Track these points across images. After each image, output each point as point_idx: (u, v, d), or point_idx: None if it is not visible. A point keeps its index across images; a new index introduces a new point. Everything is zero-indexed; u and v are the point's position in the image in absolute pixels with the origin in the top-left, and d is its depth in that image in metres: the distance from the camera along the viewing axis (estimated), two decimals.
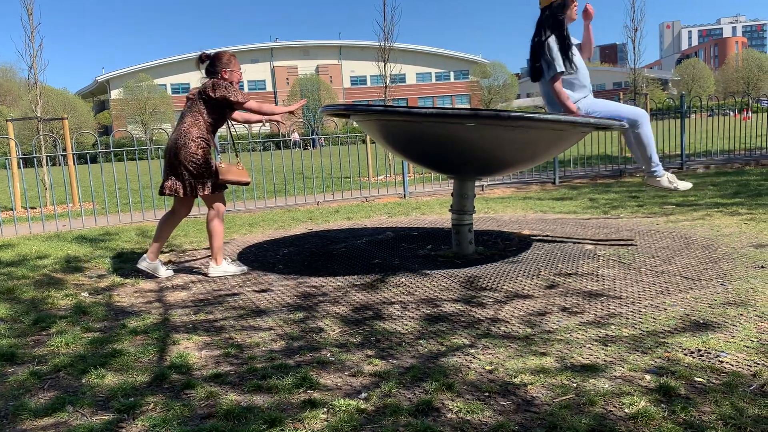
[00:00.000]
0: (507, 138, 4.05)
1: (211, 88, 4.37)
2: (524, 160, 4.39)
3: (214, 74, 4.47)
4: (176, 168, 4.37)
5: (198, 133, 4.37)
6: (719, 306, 3.17)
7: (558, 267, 4.16)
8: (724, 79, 76.35)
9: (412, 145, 4.42)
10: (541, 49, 4.35)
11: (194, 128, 4.38)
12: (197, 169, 4.36)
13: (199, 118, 4.40)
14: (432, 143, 4.21)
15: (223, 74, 4.46)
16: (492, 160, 4.34)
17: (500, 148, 4.15)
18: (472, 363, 2.64)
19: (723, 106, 19.80)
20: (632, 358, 2.57)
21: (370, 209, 7.93)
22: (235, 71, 4.51)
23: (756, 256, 4.15)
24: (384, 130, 4.41)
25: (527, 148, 4.18)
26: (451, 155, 4.32)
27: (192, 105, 4.46)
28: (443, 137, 4.07)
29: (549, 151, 4.43)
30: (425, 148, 4.34)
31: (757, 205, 6.28)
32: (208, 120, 4.42)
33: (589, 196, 8.08)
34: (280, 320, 3.43)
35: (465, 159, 4.32)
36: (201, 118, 4.41)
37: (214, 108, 4.42)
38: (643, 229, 5.37)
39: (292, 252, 5.32)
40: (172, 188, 4.41)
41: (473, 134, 3.99)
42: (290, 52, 73.58)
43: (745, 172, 9.72)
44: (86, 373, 2.73)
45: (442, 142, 4.14)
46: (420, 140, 4.25)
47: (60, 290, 4.30)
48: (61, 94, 46.04)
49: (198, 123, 4.39)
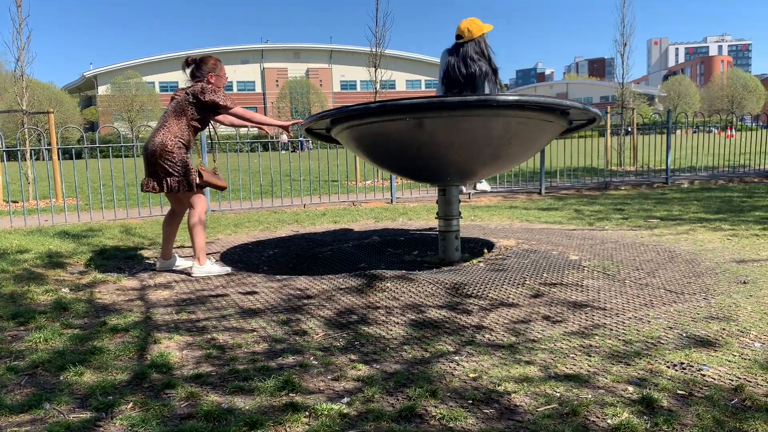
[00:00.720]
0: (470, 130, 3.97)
1: (200, 92, 4.41)
2: (496, 158, 4.28)
3: (201, 78, 4.50)
4: (153, 165, 4.40)
5: (177, 132, 4.41)
6: (702, 320, 3.19)
7: (543, 276, 4.17)
8: (710, 97, 77.42)
9: (388, 150, 4.38)
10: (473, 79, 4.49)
11: (174, 127, 4.41)
12: (172, 167, 4.37)
13: (182, 119, 4.44)
14: (407, 145, 4.16)
15: (210, 78, 4.50)
16: (466, 159, 4.23)
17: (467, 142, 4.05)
18: (456, 370, 2.63)
19: (708, 123, 20.04)
20: (615, 369, 2.58)
21: (356, 213, 7.92)
22: (221, 76, 4.56)
23: (738, 271, 4.19)
24: (359, 139, 4.37)
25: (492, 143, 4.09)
26: (428, 158, 4.25)
27: (177, 105, 4.47)
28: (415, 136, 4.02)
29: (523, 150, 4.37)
30: (400, 149, 4.29)
31: (739, 221, 6.35)
32: (191, 122, 4.46)
33: (575, 207, 8.13)
34: (264, 322, 3.40)
35: (441, 159, 4.24)
36: (184, 119, 4.44)
37: (200, 111, 4.46)
38: (628, 242, 5.40)
39: (278, 254, 5.29)
40: (149, 185, 4.45)
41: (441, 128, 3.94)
42: (281, 55, 73.49)
43: (729, 189, 9.84)
44: (64, 370, 2.69)
45: (417, 144, 4.09)
46: (390, 144, 4.22)
47: (40, 285, 4.24)
48: (47, 88, 45.60)
49: (180, 123, 4.43)
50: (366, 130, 4.23)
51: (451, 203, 4.59)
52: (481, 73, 4.49)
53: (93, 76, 66.90)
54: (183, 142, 4.43)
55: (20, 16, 10.05)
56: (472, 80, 4.49)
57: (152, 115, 56.89)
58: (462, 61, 4.49)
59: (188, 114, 4.44)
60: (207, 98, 4.40)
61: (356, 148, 4.55)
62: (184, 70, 4.59)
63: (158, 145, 4.36)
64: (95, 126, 59.27)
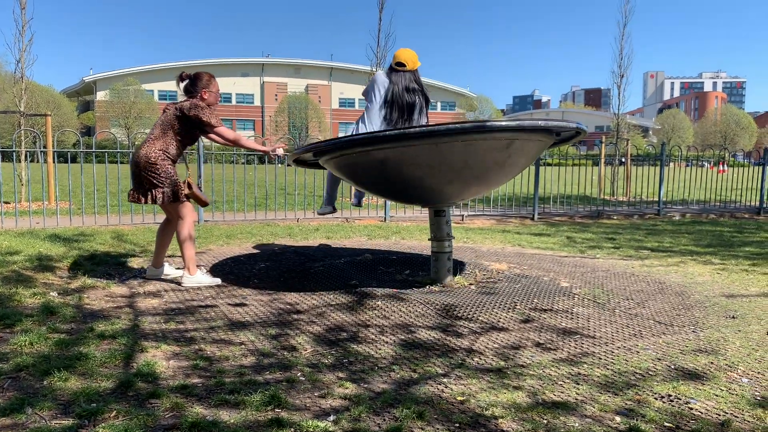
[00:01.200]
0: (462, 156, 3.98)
1: (187, 108, 4.45)
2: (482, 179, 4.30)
3: (194, 94, 4.54)
4: (138, 177, 4.44)
5: (162, 145, 4.44)
6: (691, 353, 3.19)
7: (534, 302, 4.17)
8: (703, 132, 78.19)
9: (375, 179, 4.44)
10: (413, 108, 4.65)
11: (160, 140, 4.45)
12: (156, 178, 4.39)
13: (168, 132, 4.47)
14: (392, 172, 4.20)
15: (203, 95, 4.54)
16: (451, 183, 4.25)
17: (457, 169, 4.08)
18: (444, 392, 2.62)
19: (700, 158, 20.23)
20: (603, 399, 2.57)
21: (350, 230, 7.91)
22: (213, 92, 4.59)
23: (727, 305, 4.21)
24: (345, 168, 4.38)
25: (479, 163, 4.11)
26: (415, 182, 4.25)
27: (165, 119, 4.52)
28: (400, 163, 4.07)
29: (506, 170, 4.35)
30: (388, 178, 4.33)
31: (729, 255, 6.39)
32: (177, 135, 4.49)
33: (567, 234, 8.16)
34: (253, 335, 3.38)
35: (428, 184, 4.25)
36: (171, 132, 4.48)
37: (186, 126, 4.49)
38: (619, 271, 5.42)
39: (269, 267, 5.27)
40: (134, 196, 4.49)
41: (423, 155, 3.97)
42: (281, 69, 73.83)
43: (719, 223, 9.90)
44: (49, 375, 2.66)
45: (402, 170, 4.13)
46: (381, 171, 4.24)
47: (28, 288, 4.21)
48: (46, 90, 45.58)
49: (166, 137, 4.47)
50: (350, 160, 4.23)
51: (443, 225, 4.60)
52: (421, 104, 4.73)
53: (92, 81, 66.93)
54: (168, 154, 4.45)
55: (23, 18, 10.08)
56: (413, 109, 4.69)
57: (149, 122, 56.80)
58: (405, 89, 4.69)
59: (174, 128, 4.48)
60: (192, 114, 4.43)
61: (344, 176, 4.57)
62: (178, 84, 4.63)
63: (142, 158, 4.40)
64: (92, 131, 59.21)
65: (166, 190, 4.43)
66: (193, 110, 4.44)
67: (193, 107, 4.45)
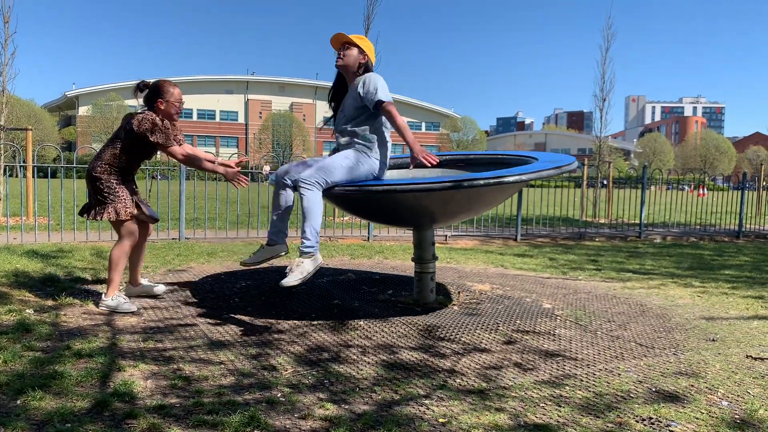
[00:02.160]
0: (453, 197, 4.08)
1: (137, 122, 4.14)
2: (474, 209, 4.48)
3: (151, 103, 4.24)
4: (88, 189, 4.27)
5: (109, 158, 4.20)
6: (671, 375, 3.20)
7: (516, 323, 4.17)
8: (683, 155, 79.41)
9: (360, 210, 4.55)
10: None
11: (107, 153, 4.21)
12: (99, 193, 4.18)
13: (117, 145, 4.21)
14: (379, 208, 4.33)
15: (159, 104, 4.23)
16: (442, 215, 4.38)
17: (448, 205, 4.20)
18: (426, 414, 2.60)
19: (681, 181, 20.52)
20: (585, 421, 2.57)
21: (333, 249, 7.88)
22: (172, 102, 4.25)
23: (708, 328, 4.24)
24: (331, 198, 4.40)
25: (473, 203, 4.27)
26: (401, 215, 4.40)
27: (119, 130, 4.27)
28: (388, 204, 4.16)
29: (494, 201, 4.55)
30: (373, 211, 4.47)
31: (709, 278, 6.45)
32: (124, 149, 4.21)
33: (550, 255, 8.20)
34: (232, 355, 3.33)
35: (416, 216, 4.37)
36: (119, 145, 4.21)
37: (135, 141, 4.19)
38: (601, 293, 5.44)
39: (250, 285, 5.22)
40: (85, 208, 4.30)
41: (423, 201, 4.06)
42: (266, 87, 73.95)
43: (700, 246, 10.02)
44: (23, 394, 2.60)
45: (389, 208, 4.24)
46: (368, 206, 4.34)
47: (3, 305, 4.12)
48: (27, 105, 45.22)
49: (114, 149, 4.21)
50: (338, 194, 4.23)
51: (427, 246, 4.60)
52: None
53: (75, 95, 66.49)
54: (113, 168, 4.20)
55: (6, 33, 10.01)
56: None
57: None
58: None
59: (124, 141, 4.19)
60: (140, 129, 4.13)
61: (331, 202, 4.57)
62: (136, 95, 4.34)
63: (88, 170, 4.23)
64: (73, 146, 58.71)
65: (109, 207, 4.17)
66: (142, 125, 4.12)
67: (144, 122, 4.12)
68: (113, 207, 4.18)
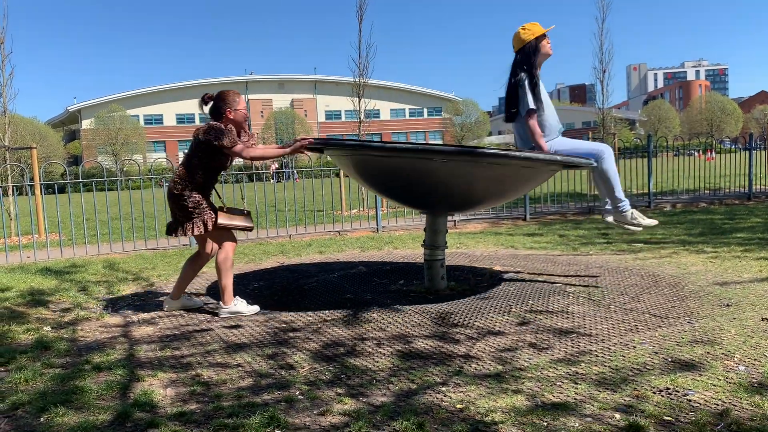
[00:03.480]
0: (479, 174, 4.10)
1: (203, 132, 4.26)
2: (495, 196, 4.44)
3: (219, 115, 4.32)
4: (171, 208, 4.34)
5: (187, 174, 4.28)
6: (687, 344, 3.20)
7: (529, 304, 4.18)
8: (689, 121, 78.71)
9: (386, 180, 4.45)
10: (516, 90, 4.39)
11: (184, 168, 4.31)
12: (183, 209, 4.26)
13: (192, 160, 4.30)
14: (406, 179, 4.24)
15: (228, 114, 4.31)
16: (464, 196, 4.37)
17: (472, 184, 4.19)
18: (444, 401, 2.61)
19: (688, 147, 20.35)
20: (602, 396, 2.58)
21: (342, 243, 7.91)
22: (239, 110, 4.36)
23: (721, 294, 4.22)
24: (359, 165, 4.43)
25: (499, 184, 4.24)
26: (425, 191, 4.35)
27: (189, 147, 4.39)
28: (417, 173, 4.11)
29: (519, 188, 4.49)
30: (399, 183, 4.37)
31: (721, 243, 6.42)
32: (199, 162, 4.29)
33: (560, 232, 8.18)
34: (249, 357, 3.37)
35: (438, 195, 4.35)
36: (194, 160, 4.30)
37: (205, 151, 4.27)
38: (612, 267, 5.43)
39: (263, 286, 5.26)
40: (173, 227, 4.36)
41: (446, 170, 4.04)
42: (265, 86, 73.89)
43: (710, 211, 9.95)
44: (46, 411, 2.64)
45: (416, 178, 4.17)
46: (394, 175, 4.28)
47: (21, 324, 4.18)
48: (30, 123, 45.50)
49: (190, 163, 4.30)
50: (368, 160, 4.27)
51: (439, 233, 4.61)
52: (512, 86, 4.43)
53: (77, 110, 66.74)
54: (191, 183, 4.27)
55: (2, 54, 10.06)
56: (509, 92, 4.46)
57: (137, 148, 56.82)
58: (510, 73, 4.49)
59: (196, 155, 4.29)
60: (204, 138, 4.22)
61: (352, 172, 4.58)
62: (202, 108, 4.40)
63: (169, 188, 4.32)
64: (79, 160, 59.04)
65: (197, 220, 4.25)
66: (208, 134, 4.22)
67: (209, 131, 4.22)
68: (200, 220, 4.27)
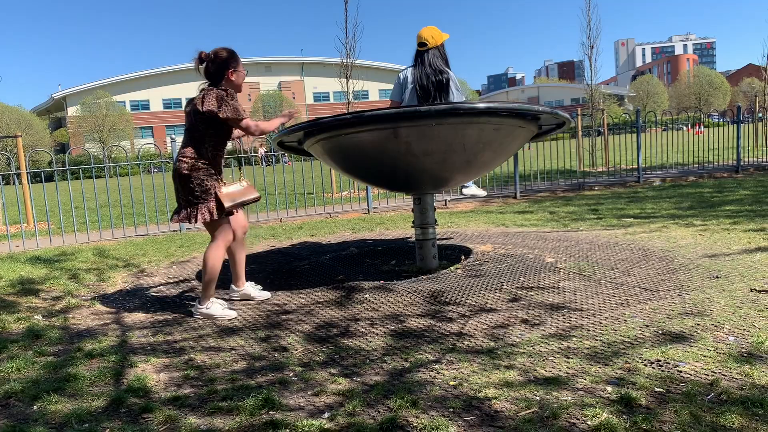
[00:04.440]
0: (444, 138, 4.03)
1: (200, 100, 3.69)
2: (472, 165, 4.34)
3: (219, 77, 3.78)
4: (176, 192, 3.83)
5: (193, 152, 3.73)
6: (677, 316, 3.23)
7: (520, 280, 4.19)
8: (677, 95, 78.86)
9: (359, 161, 4.43)
10: (443, 85, 4.60)
11: (188, 147, 3.75)
12: (191, 193, 3.73)
13: (195, 135, 3.75)
14: (374, 156, 4.23)
15: (230, 76, 3.80)
16: (440, 167, 4.27)
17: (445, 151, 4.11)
18: (437, 378, 2.63)
19: (676, 121, 20.39)
20: (594, 370, 2.60)
21: (333, 225, 7.90)
22: (240, 71, 3.85)
23: (711, 266, 4.26)
24: (329, 151, 4.37)
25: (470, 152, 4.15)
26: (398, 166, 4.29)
27: (187, 120, 3.80)
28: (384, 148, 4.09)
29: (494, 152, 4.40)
30: (369, 162, 4.37)
31: (710, 216, 6.46)
32: (207, 131, 3.72)
33: (550, 209, 8.20)
34: (242, 340, 3.37)
35: (413, 169, 4.27)
36: (198, 135, 3.75)
37: (207, 124, 3.71)
38: (603, 242, 5.46)
39: (254, 270, 5.25)
40: (181, 216, 3.80)
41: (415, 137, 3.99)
42: (252, 69, 72.65)
43: (699, 185, 10.01)
44: (39, 399, 2.63)
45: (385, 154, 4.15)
46: (364, 155, 4.26)
47: (12, 313, 4.16)
48: (15, 111, 44.99)
49: (194, 141, 3.75)
50: (339, 142, 4.23)
51: (427, 211, 4.60)
52: (449, 80, 4.63)
53: (62, 97, 65.97)
54: (201, 159, 3.73)
55: None
56: (442, 87, 4.61)
57: (124, 134, 56.34)
58: (431, 68, 4.62)
59: (199, 128, 3.72)
60: (204, 108, 3.66)
61: (330, 160, 4.55)
62: (198, 69, 3.82)
63: (175, 170, 3.74)
64: (66, 148, 58.50)
65: (202, 207, 3.74)
66: (207, 103, 3.65)
67: (208, 100, 3.66)
68: (206, 207, 3.76)
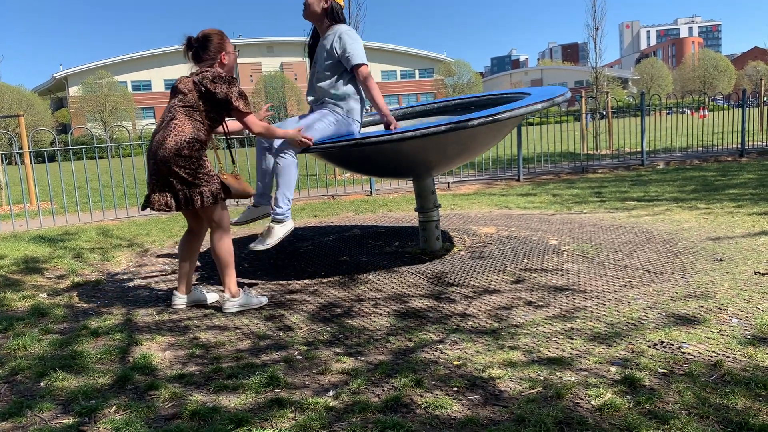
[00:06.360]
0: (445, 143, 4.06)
1: (210, 81, 3.45)
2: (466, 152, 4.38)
3: (211, 60, 3.57)
4: (165, 176, 3.42)
5: (192, 132, 3.43)
6: (681, 298, 3.23)
7: (523, 262, 4.20)
8: (682, 78, 78.28)
9: (354, 162, 4.52)
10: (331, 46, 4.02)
11: (187, 126, 3.44)
12: (191, 175, 3.42)
13: (193, 114, 3.48)
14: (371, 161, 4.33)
15: (223, 59, 3.59)
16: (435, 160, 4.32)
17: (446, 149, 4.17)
18: (441, 358, 2.64)
19: (681, 105, 20.27)
20: (598, 351, 2.61)
21: (336, 207, 7.89)
22: (231, 52, 3.65)
23: (714, 249, 4.25)
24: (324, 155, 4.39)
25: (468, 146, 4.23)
26: (393, 165, 4.38)
27: (184, 98, 3.49)
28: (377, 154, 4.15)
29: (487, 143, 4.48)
30: (369, 166, 4.49)
31: (714, 199, 6.44)
32: (205, 118, 3.50)
33: (553, 192, 8.19)
34: (247, 319, 3.38)
35: (408, 165, 4.35)
36: (196, 114, 3.48)
37: (213, 104, 3.50)
38: (606, 224, 5.45)
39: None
40: (161, 201, 3.45)
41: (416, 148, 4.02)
42: (254, 50, 72.78)
43: (703, 168, 9.97)
44: (45, 376, 2.65)
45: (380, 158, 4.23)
46: (359, 158, 4.33)
47: (17, 292, 4.17)
48: (17, 91, 44.80)
49: (195, 121, 3.47)
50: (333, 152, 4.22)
51: (427, 195, 4.60)
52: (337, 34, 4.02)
53: (63, 77, 65.66)
54: (200, 143, 3.46)
55: None
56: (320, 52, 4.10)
57: (125, 114, 56.13)
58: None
59: (200, 108, 3.48)
60: (219, 91, 3.44)
61: (326, 161, 4.60)
62: (186, 54, 3.62)
63: (171, 150, 3.37)
64: (68, 128, 58.38)
65: (205, 190, 3.45)
66: (220, 86, 3.44)
67: (219, 82, 3.45)
68: (209, 190, 3.46)
